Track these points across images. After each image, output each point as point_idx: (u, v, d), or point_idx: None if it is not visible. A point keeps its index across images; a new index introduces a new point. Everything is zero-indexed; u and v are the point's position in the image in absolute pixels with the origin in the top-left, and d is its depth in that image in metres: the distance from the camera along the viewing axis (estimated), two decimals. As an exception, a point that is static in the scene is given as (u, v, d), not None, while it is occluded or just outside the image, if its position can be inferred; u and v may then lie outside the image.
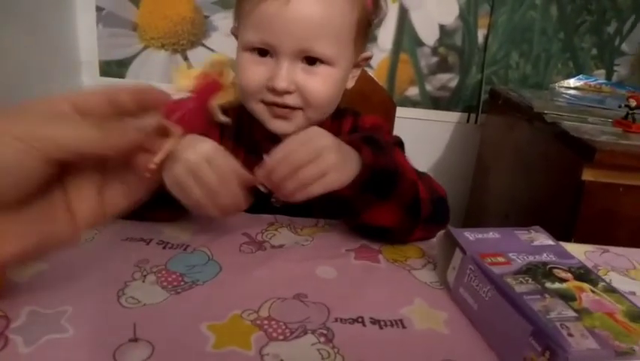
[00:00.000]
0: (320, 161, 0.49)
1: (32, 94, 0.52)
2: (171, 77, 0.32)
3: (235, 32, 0.71)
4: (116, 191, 0.35)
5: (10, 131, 0.28)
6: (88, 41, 1.46)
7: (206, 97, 0.37)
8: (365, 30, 0.69)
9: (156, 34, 1.45)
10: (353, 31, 0.66)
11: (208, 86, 0.37)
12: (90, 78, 1.50)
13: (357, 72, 0.74)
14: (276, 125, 0.68)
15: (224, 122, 0.39)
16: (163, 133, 0.34)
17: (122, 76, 1.49)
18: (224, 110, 0.38)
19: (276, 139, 0.71)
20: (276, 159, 0.50)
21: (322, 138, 0.51)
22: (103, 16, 1.44)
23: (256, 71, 0.65)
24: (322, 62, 0.64)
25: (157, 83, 1.44)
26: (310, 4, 0.61)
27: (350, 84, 0.73)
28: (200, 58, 1.47)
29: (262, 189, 0.51)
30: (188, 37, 1.46)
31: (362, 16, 0.66)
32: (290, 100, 0.65)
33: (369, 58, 0.74)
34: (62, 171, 0.32)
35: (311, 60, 0.64)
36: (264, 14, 0.62)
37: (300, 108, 0.66)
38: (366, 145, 0.55)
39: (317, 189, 0.50)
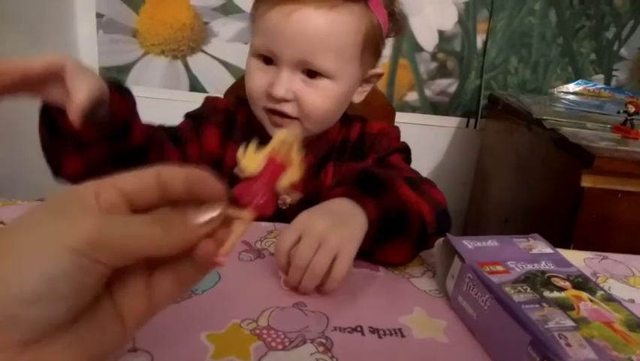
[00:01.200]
0: (324, 248, 0.48)
1: (33, 100, 0.52)
2: (238, 161, 0.31)
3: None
4: (166, 283, 0.29)
5: (63, 240, 0.23)
6: (88, 48, 1.47)
7: (274, 179, 0.35)
8: (374, 46, 0.69)
9: (156, 40, 1.46)
10: (359, 48, 0.66)
11: (276, 168, 0.35)
12: (90, 84, 1.50)
13: (367, 87, 0.74)
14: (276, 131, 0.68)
15: (289, 202, 0.38)
16: (227, 222, 0.30)
17: (122, 82, 1.50)
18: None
19: None
20: (285, 271, 0.49)
21: (315, 224, 0.49)
22: (103, 22, 1.45)
23: (259, 78, 0.66)
24: (322, 75, 0.65)
25: (157, 89, 1.46)
26: (312, 17, 0.62)
27: (358, 99, 0.73)
28: (200, 64, 1.48)
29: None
30: (188, 44, 1.47)
31: (370, 33, 0.66)
32: (287, 108, 0.66)
33: (380, 75, 0.74)
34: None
35: (311, 73, 0.65)
36: (268, 23, 0.63)
37: (297, 118, 0.67)
38: (367, 196, 0.54)
39: (339, 272, 0.48)
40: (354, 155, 0.75)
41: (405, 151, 0.76)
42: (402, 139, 0.78)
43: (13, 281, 0.22)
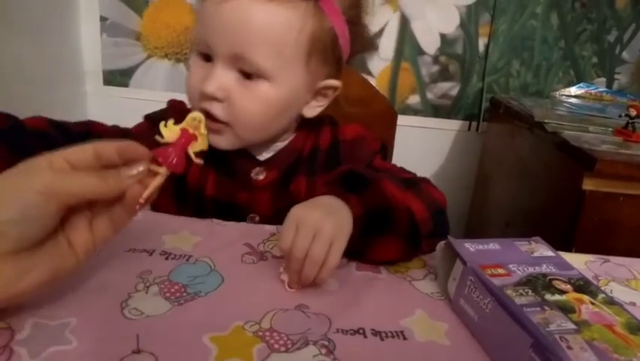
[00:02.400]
0: (321, 235, 0.48)
1: (37, 103, 0.53)
2: (160, 131, 0.47)
3: None
4: (103, 224, 0.43)
5: (31, 187, 0.37)
6: (92, 51, 1.48)
7: (185, 145, 0.48)
8: (324, 52, 0.63)
9: (159, 43, 1.47)
10: (303, 49, 0.61)
11: (188, 138, 0.48)
12: (94, 87, 1.51)
13: (322, 101, 0.68)
14: (213, 140, 0.62)
15: (199, 164, 0.49)
16: (149, 175, 0.44)
17: (125, 85, 1.51)
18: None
19: (249, 156, 0.69)
20: (291, 264, 0.49)
21: (309, 215, 0.49)
22: (107, 25, 1.46)
23: (196, 75, 0.62)
24: (259, 76, 0.60)
25: (159, 92, 1.46)
26: (247, 7, 0.57)
27: (310, 113, 0.68)
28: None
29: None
30: (190, 47, 1.47)
31: (319, 37, 0.61)
32: (217, 110, 0.61)
33: (335, 88, 0.67)
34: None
35: (248, 74, 0.60)
36: (204, 12, 0.60)
37: (227, 124, 0.62)
38: (350, 193, 0.53)
39: (333, 260, 0.49)
40: (328, 165, 0.69)
41: (382, 150, 0.72)
42: (404, 142, 0.77)
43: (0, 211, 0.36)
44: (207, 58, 0.61)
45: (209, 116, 0.61)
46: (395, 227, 0.54)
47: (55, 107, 1.37)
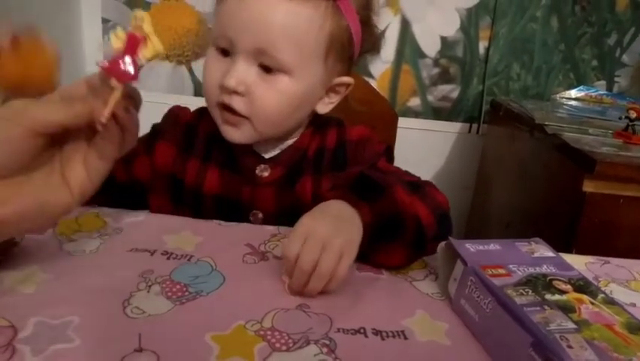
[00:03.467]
0: (329, 251, 0.48)
1: None
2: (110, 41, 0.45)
3: None
4: (93, 158, 0.45)
5: (1, 115, 0.40)
6: (94, 53, 1.48)
7: (132, 50, 0.44)
8: (341, 51, 0.65)
9: (163, 47, 1.47)
10: (322, 47, 0.63)
11: (131, 41, 0.44)
12: (95, 89, 1.51)
13: (335, 98, 0.70)
14: (227, 132, 0.65)
15: (142, 65, 0.45)
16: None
17: (126, 87, 1.51)
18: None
19: (254, 154, 0.70)
20: (293, 276, 0.49)
21: (318, 227, 0.49)
22: (109, 28, 1.46)
23: (214, 70, 0.63)
24: (280, 70, 0.61)
25: (161, 94, 1.47)
26: (272, 4, 0.59)
27: (323, 110, 0.70)
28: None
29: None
30: (192, 49, 1.48)
31: (337, 35, 0.63)
32: (237, 104, 0.62)
33: (348, 84, 0.69)
34: (59, 146, 0.44)
35: (268, 68, 0.61)
36: (225, 8, 0.61)
37: (247, 117, 0.63)
38: (362, 201, 0.54)
39: (341, 273, 0.49)
40: (333, 166, 0.71)
41: (387, 152, 0.72)
42: (405, 144, 0.77)
43: None
44: (225, 53, 0.63)
45: (228, 109, 0.63)
46: (403, 234, 0.55)
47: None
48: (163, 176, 0.71)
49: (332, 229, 0.49)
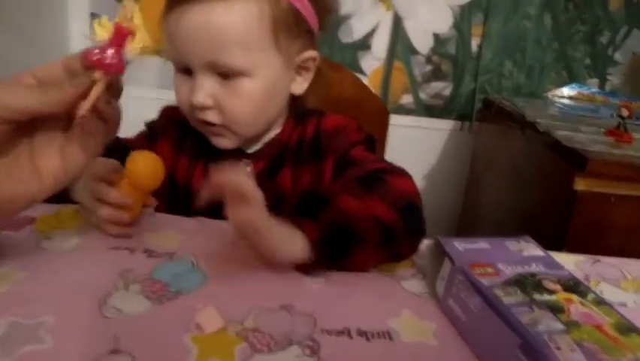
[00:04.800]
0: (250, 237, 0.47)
1: None
2: (93, 29, 0.43)
3: None
4: (73, 149, 0.43)
5: None
6: (81, 47, 1.45)
7: (119, 42, 0.42)
8: (288, 28, 0.63)
9: (150, 40, 1.45)
10: (269, 35, 0.62)
11: (119, 33, 0.42)
12: (83, 84, 1.49)
13: (307, 75, 0.69)
14: (217, 142, 0.67)
15: (129, 60, 0.43)
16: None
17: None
18: None
19: (236, 149, 0.70)
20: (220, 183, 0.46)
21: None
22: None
23: (182, 90, 0.64)
24: (238, 74, 0.61)
25: (151, 89, 1.45)
26: (202, 16, 0.58)
27: (299, 89, 0.69)
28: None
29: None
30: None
31: (278, 16, 0.62)
32: (210, 117, 0.63)
33: (314, 58, 0.68)
34: (28, 133, 0.41)
35: (227, 75, 0.61)
36: (168, 31, 0.61)
37: (224, 126, 0.64)
38: (306, 219, 0.51)
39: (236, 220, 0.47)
40: (311, 156, 0.70)
41: (367, 141, 0.70)
42: (397, 141, 0.76)
43: None
44: (188, 71, 0.63)
45: (207, 123, 0.64)
46: (364, 240, 0.52)
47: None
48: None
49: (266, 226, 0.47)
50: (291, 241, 0.49)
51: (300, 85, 0.69)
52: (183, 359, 0.38)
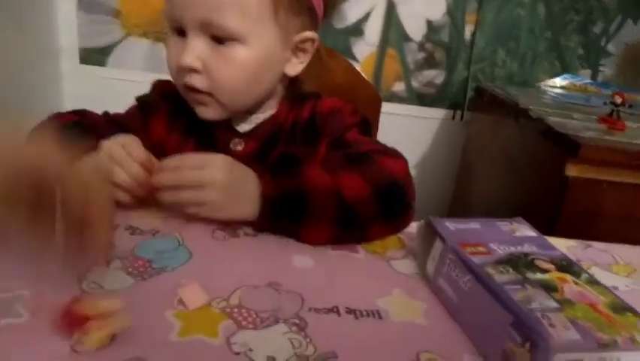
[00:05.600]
0: (199, 193, 0.51)
1: (10, 81, 0.50)
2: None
3: None
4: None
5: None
6: (67, 28, 1.43)
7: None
8: (292, 3, 0.62)
9: (138, 21, 1.42)
10: (268, 4, 0.60)
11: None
12: (70, 66, 1.46)
13: (304, 57, 0.68)
14: (200, 112, 0.65)
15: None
16: None
17: (102, 64, 1.46)
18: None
19: (229, 128, 0.69)
20: (167, 166, 0.52)
21: (216, 172, 0.51)
22: (84, 1, 1.41)
23: (173, 52, 0.62)
24: (232, 39, 0.60)
25: (138, 72, 1.42)
26: None
27: (293, 70, 0.68)
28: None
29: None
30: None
31: None
32: (197, 82, 0.61)
33: (311, 39, 0.66)
34: None
35: (219, 39, 0.60)
36: None
37: (210, 94, 0.62)
38: (268, 175, 0.54)
39: (190, 210, 0.52)
40: (306, 138, 0.69)
41: (362, 124, 0.70)
42: (388, 130, 0.75)
43: None
44: (181, 33, 0.61)
45: (193, 89, 0.62)
46: (316, 213, 0.52)
47: (29, 86, 1.32)
48: (154, 149, 0.69)
49: (222, 183, 0.51)
50: (242, 203, 0.53)
51: (294, 67, 0.68)
52: (165, 334, 0.37)
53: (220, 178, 0.51)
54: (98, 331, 0.35)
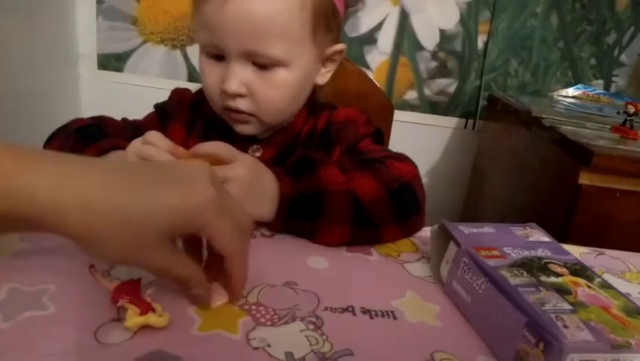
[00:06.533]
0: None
1: (30, 85, 0.51)
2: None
3: (192, 33, 0.70)
4: None
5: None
6: (87, 34, 1.45)
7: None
8: (327, 21, 0.64)
9: (156, 29, 1.45)
10: (308, 27, 0.62)
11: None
12: (88, 71, 1.49)
13: (331, 66, 0.70)
14: (240, 129, 0.67)
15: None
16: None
17: (119, 70, 1.49)
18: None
19: (248, 135, 0.70)
20: (201, 151, 0.52)
21: (240, 168, 0.52)
22: (103, 8, 1.43)
23: (212, 76, 0.63)
24: (275, 65, 0.61)
25: (154, 78, 1.45)
26: (248, 3, 0.58)
27: (322, 80, 0.70)
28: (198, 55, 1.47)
29: None
30: (187, 33, 1.45)
31: (318, 8, 0.62)
32: (242, 105, 0.63)
33: (341, 51, 0.70)
34: None
35: (263, 65, 0.61)
36: (206, 16, 0.60)
37: (253, 115, 0.64)
38: (287, 175, 0.55)
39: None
40: (321, 146, 0.71)
41: (375, 134, 0.71)
42: (400, 138, 0.76)
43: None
44: (218, 57, 0.63)
45: (235, 110, 0.64)
46: (331, 211, 0.53)
47: (47, 90, 1.35)
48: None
49: (243, 180, 0.51)
50: (261, 202, 0.53)
51: (323, 76, 0.70)
52: (187, 328, 0.38)
53: (243, 174, 0.52)
54: (139, 317, 0.36)
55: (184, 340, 0.37)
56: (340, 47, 0.69)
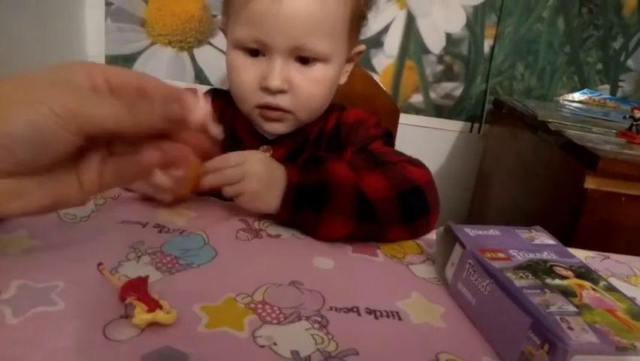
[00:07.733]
0: (240, 184, 0.53)
1: None
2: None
3: (224, 28, 0.69)
4: (110, 171, 0.36)
5: (49, 103, 0.30)
6: (95, 35, 1.46)
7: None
8: (358, 23, 0.67)
9: (164, 30, 1.46)
10: (347, 25, 0.64)
11: None
12: (95, 72, 1.50)
13: (349, 67, 0.72)
14: (271, 128, 0.67)
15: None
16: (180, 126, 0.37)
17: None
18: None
19: (258, 135, 0.71)
20: (212, 167, 0.52)
21: (255, 164, 0.53)
22: (111, 10, 1.44)
23: (249, 73, 0.63)
24: (317, 60, 0.62)
25: (162, 80, 1.45)
26: (298, 1, 0.59)
27: (343, 80, 0.71)
28: (206, 56, 1.48)
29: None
30: (195, 36, 1.46)
31: (356, 9, 0.64)
32: (282, 101, 0.63)
33: (362, 52, 0.72)
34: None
35: (304, 59, 0.62)
36: (255, 11, 0.60)
37: (291, 112, 0.65)
38: (296, 168, 0.56)
39: (229, 195, 0.55)
40: (330, 148, 0.71)
41: (385, 136, 0.72)
42: (405, 141, 0.76)
43: (7, 120, 0.29)
44: (254, 53, 0.63)
45: (270, 107, 0.64)
46: (336, 201, 0.53)
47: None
48: None
49: (260, 174, 0.53)
50: (273, 195, 0.54)
51: (344, 76, 0.71)
52: (193, 326, 0.38)
53: (259, 170, 0.53)
54: (146, 314, 0.37)
55: (191, 337, 0.37)
56: (362, 47, 0.71)
